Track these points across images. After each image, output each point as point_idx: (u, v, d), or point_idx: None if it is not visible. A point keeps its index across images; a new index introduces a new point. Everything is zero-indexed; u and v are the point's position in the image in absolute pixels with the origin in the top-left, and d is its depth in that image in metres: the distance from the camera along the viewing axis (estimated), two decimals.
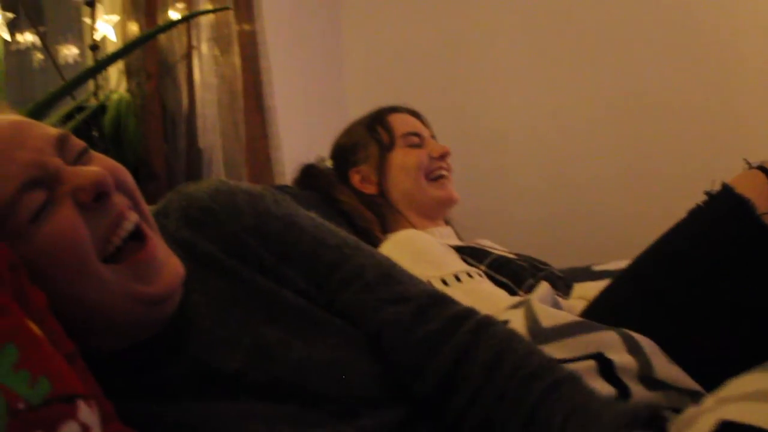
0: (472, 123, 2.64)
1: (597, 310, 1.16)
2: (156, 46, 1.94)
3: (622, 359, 1.00)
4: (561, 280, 1.62)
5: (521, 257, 1.72)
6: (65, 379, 0.59)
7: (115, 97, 1.91)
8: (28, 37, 2.03)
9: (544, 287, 1.28)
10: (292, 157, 2.07)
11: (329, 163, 1.96)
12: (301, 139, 2.27)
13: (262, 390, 0.81)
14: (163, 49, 1.96)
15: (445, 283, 1.41)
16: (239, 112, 2.09)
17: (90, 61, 1.90)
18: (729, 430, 0.70)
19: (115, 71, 2.01)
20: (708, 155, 2.17)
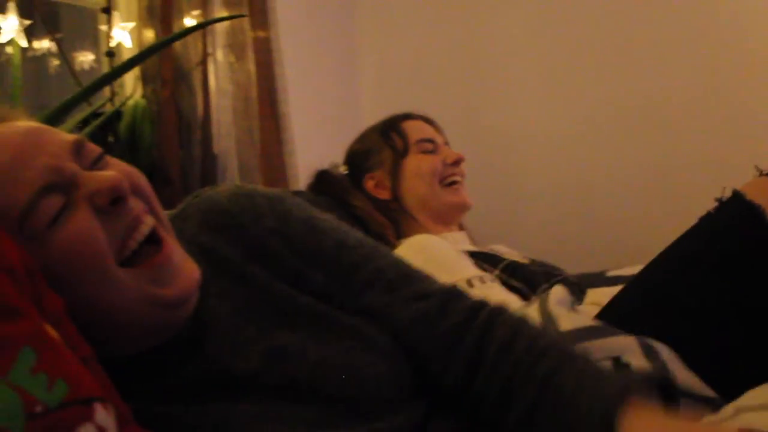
0: (486, 129, 2.64)
1: (609, 315, 1.16)
2: (171, 52, 1.96)
3: (639, 364, 1.00)
4: (575, 286, 1.61)
5: (535, 263, 1.72)
6: (82, 382, 0.59)
7: (130, 103, 1.93)
8: (44, 44, 2.05)
9: (561, 290, 1.28)
10: (306, 163, 2.07)
11: (343, 169, 1.97)
12: (315, 146, 2.27)
13: (278, 392, 0.81)
14: (178, 55, 1.98)
15: None
16: (254, 118, 2.10)
17: (106, 68, 1.91)
18: None
19: (130, 77, 2.03)
20: (724, 160, 2.15)
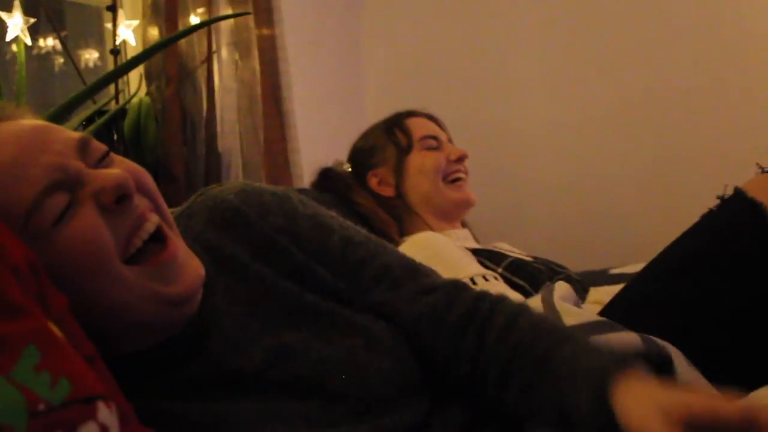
0: (489, 126, 2.63)
1: (612, 313, 1.17)
2: (176, 50, 1.95)
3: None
4: (578, 284, 1.61)
5: (538, 260, 1.72)
6: (85, 381, 0.59)
7: (135, 101, 1.93)
8: (49, 42, 2.05)
9: (565, 287, 1.28)
10: (310, 161, 2.07)
11: (347, 167, 1.97)
12: (319, 143, 2.27)
13: (282, 389, 0.81)
14: (183, 53, 1.98)
15: None
16: (258, 116, 2.10)
17: (110, 66, 1.91)
18: None
19: (135, 75, 2.03)
20: (727, 157, 2.14)
